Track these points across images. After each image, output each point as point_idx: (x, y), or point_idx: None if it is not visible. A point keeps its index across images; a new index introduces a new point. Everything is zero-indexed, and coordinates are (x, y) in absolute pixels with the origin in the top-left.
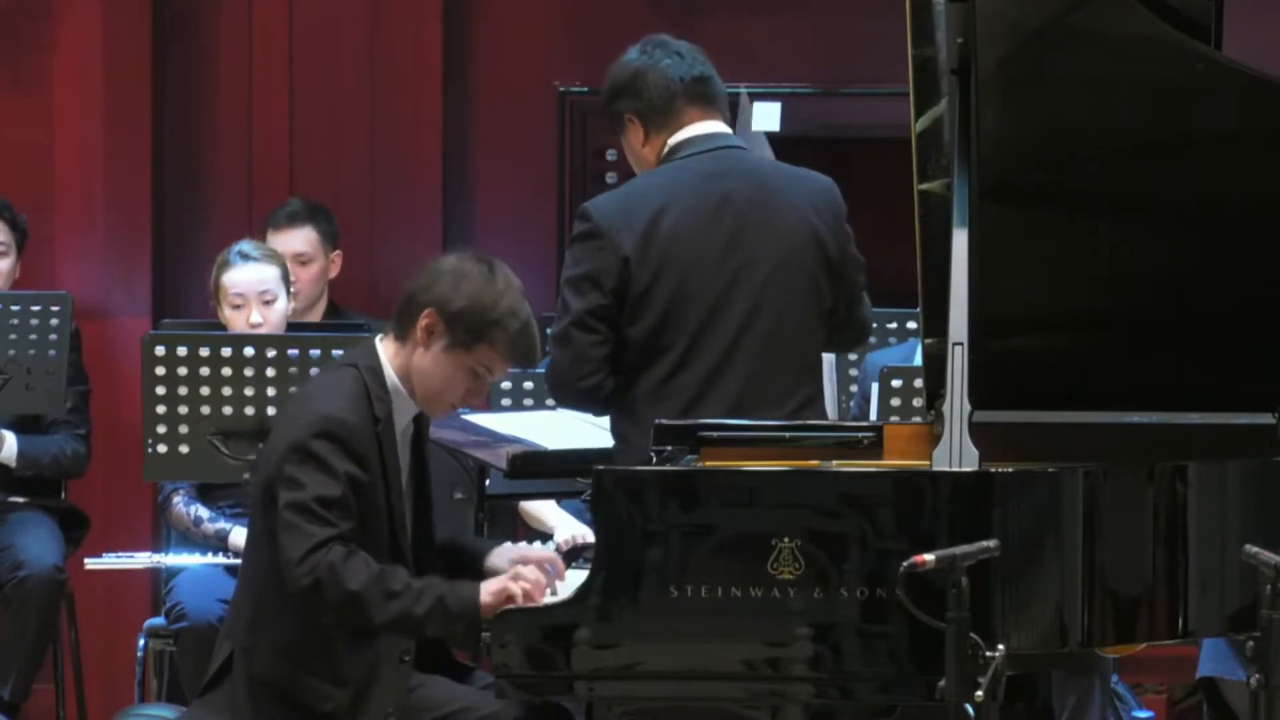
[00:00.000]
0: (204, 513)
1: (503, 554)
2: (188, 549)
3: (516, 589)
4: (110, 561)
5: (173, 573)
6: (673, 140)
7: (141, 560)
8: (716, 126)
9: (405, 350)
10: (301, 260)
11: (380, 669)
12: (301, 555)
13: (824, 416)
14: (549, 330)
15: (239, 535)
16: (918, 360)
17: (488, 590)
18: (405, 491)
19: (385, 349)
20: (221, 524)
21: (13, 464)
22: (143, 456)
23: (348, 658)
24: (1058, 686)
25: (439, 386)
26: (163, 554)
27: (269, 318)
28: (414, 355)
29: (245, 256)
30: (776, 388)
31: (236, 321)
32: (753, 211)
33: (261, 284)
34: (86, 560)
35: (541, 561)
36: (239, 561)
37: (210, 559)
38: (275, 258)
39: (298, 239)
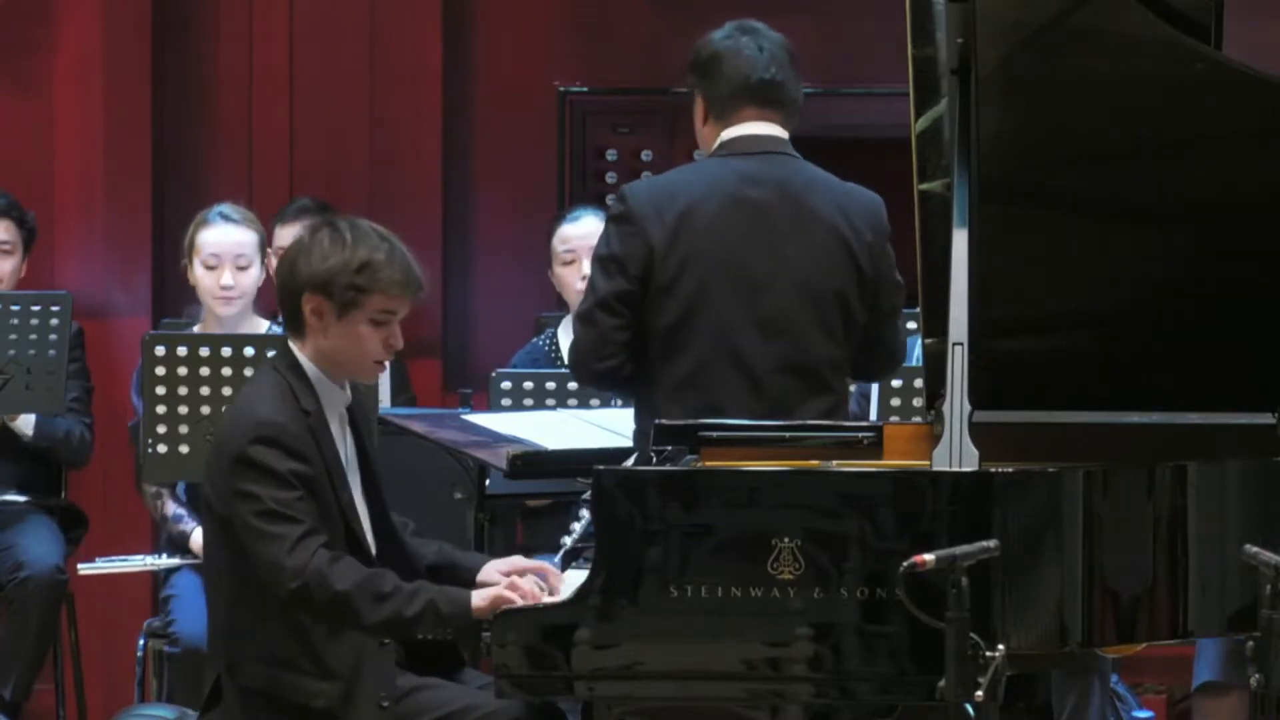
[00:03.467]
0: (170, 510)
1: (495, 567)
2: (182, 552)
3: (512, 596)
4: (103, 566)
5: (170, 572)
6: (725, 134)
7: (135, 564)
8: (770, 129)
9: (310, 340)
10: None
11: (364, 657)
12: (285, 556)
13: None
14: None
15: (198, 537)
16: (917, 357)
17: (481, 595)
18: (354, 479)
19: (296, 345)
20: (185, 525)
21: (29, 433)
22: (143, 457)
23: (330, 651)
24: (1058, 686)
25: (356, 353)
26: (156, 557)
27: (241, 282)
28: (319, 340)
29: (225, 218)
30: (795, 398)
31: (207, 281)
32: (784, 221)
33: (238, 247)
34: (80, 566)
35: (536, 571)
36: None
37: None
38: (255, 224)
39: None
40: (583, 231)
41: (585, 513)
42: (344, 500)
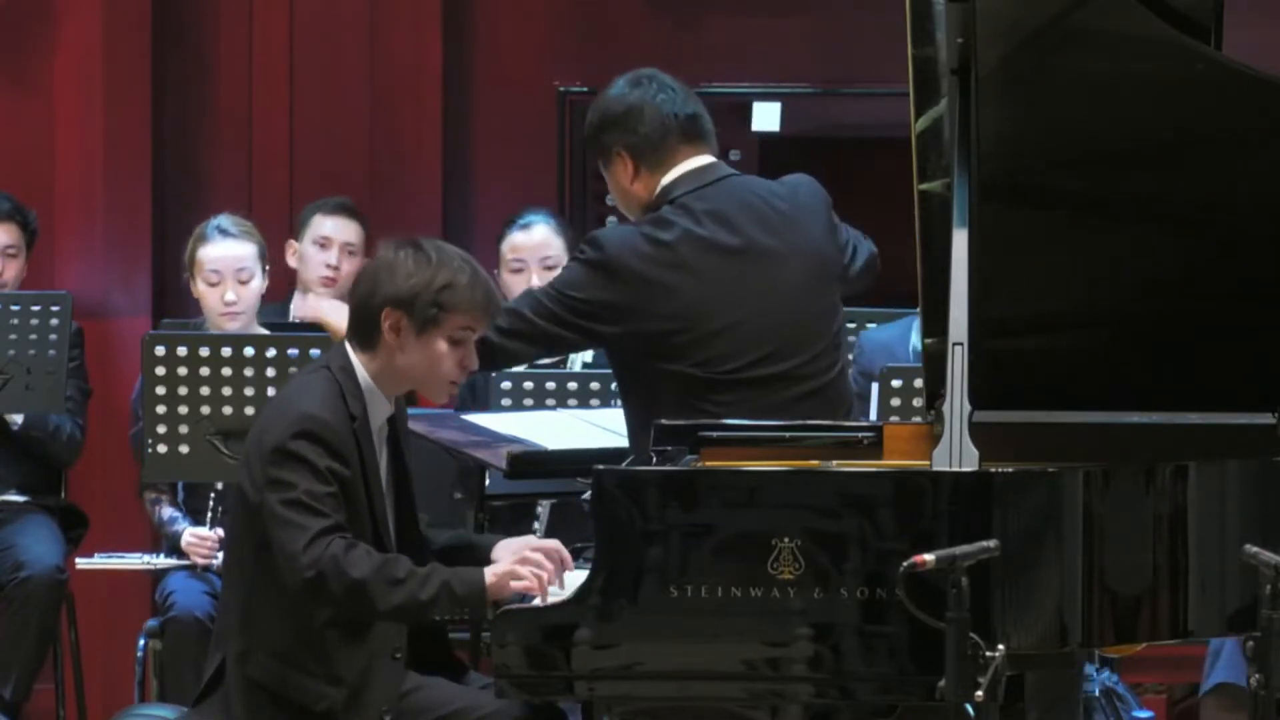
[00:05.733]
0: (166, 514)
1: (507, 546)
2: (179, 555)
3: (524, 571)
4: (101, 562)
5: (166, 573)
6: (666, 180)
7: (133, 561)
8: (708, 159)
9: (380, 355)
10: (349, 250)
11: (374, 667)
12: (302, 548)
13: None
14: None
15: (189, 535)
16: (914, 338)
17: (493, 572)
18: (386, 489)
19: (355, 354)
20: (178, 526)
21: (18, 422)
22: (142, 456)
23: (341, 656)
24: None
25: (432, 370)
26: (154, 555)
27: (244, 296)
28: (394, 357)
29: (223, 232)
30: (800, 409)
31: (210, 297)
32: (771, 250)
33: (238, 261)
34: (78, 560)
35: (549, 550)
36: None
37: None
38: (253, 235)
39: (351, 230)
40: (535, 240)
41: (542, 507)
42: (377, 510)
